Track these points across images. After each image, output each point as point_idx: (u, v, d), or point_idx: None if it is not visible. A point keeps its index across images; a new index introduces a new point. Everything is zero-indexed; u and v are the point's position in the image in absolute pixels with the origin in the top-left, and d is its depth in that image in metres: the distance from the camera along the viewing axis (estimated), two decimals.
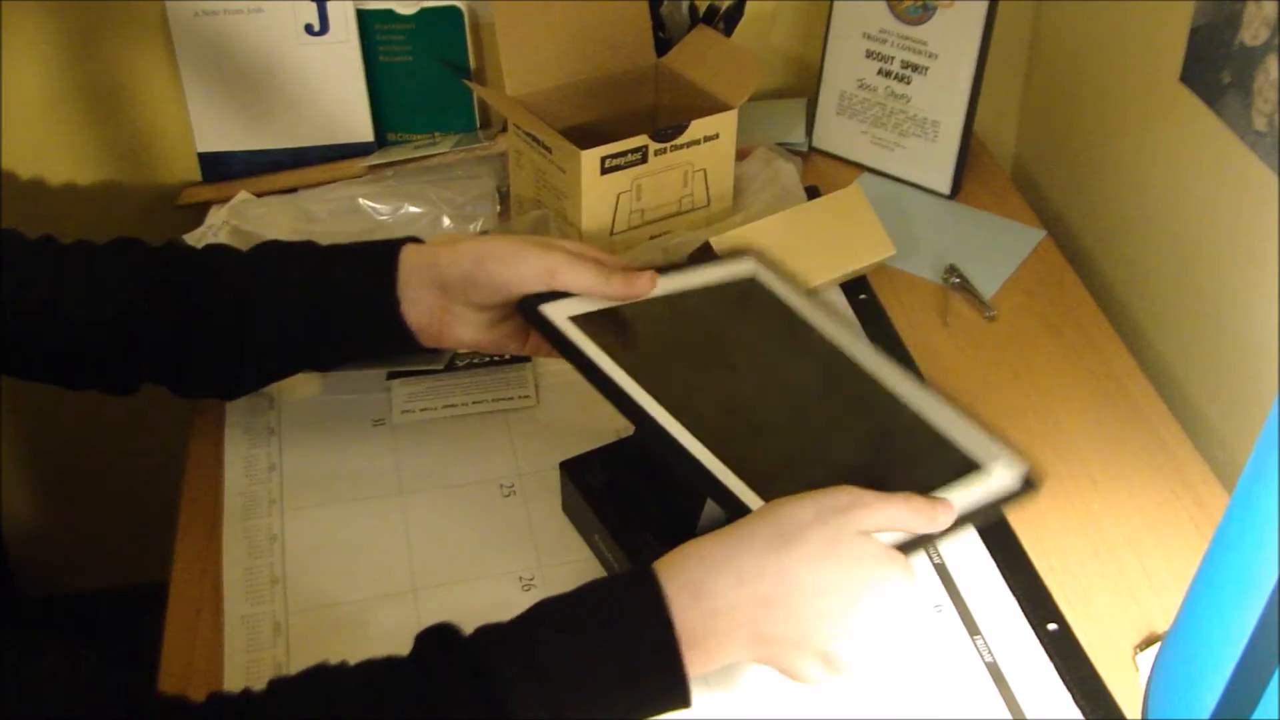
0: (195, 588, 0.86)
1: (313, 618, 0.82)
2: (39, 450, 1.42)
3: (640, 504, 0.82)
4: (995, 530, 0.87)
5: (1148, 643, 0.81)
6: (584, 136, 1.06)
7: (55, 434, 1.41)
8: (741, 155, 1.14)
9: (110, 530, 1.46)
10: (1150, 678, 0.76)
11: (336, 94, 1.21)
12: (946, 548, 0.86)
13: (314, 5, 1.18)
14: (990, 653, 0.80)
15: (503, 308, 0.85)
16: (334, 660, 0.67)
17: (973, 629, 0.81)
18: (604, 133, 1.06)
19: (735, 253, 0.94)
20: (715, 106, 1.07)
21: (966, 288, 1.09)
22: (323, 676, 0.65)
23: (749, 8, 1.19)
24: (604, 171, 1.03)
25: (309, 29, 1.19)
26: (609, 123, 1.12)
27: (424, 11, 1.20)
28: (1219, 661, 0.61)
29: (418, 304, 0.84)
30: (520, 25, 1.08)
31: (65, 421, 1.41)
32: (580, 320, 0.81)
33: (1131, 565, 0.86)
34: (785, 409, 0.83)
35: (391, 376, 0.99)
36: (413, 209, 1.14)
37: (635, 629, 0.66)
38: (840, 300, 1.09)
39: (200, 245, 0.90)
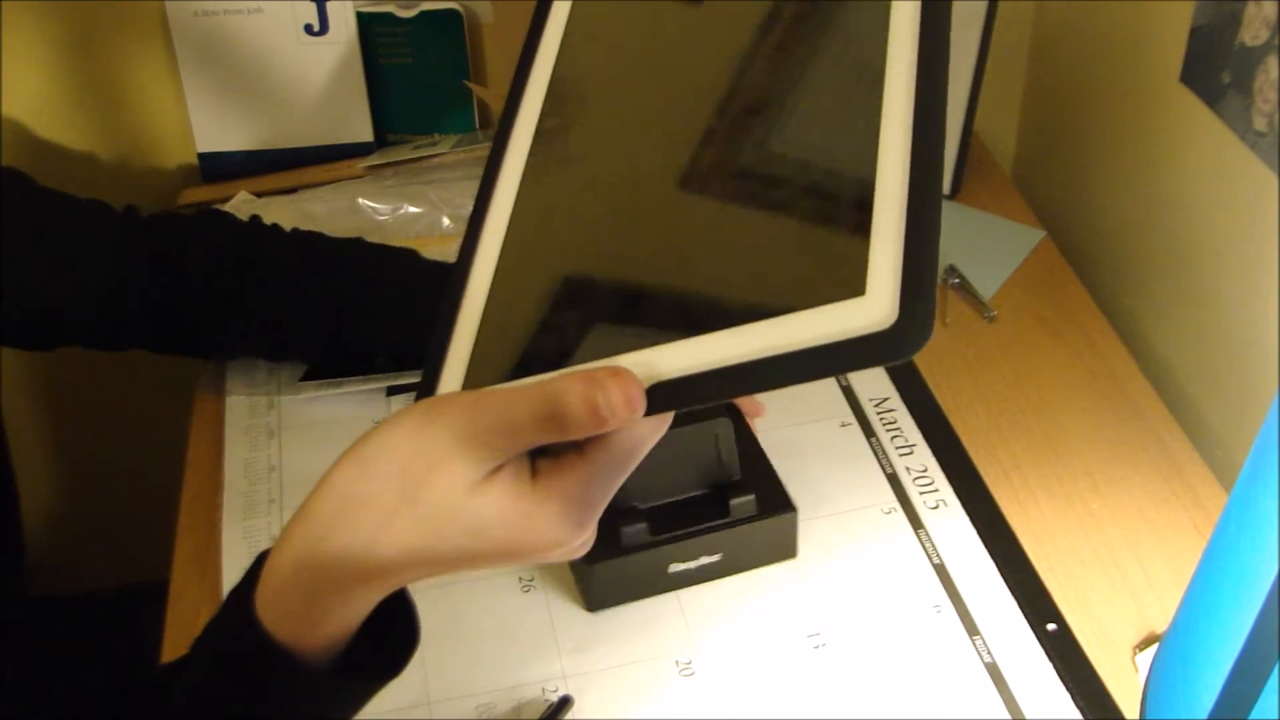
0: (195, 588, 0.86)
1: None
2: (38, 452, 1.42)
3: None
4: (995, 530, 0.88)
5: (1147, 643, 0.81)
6: None
7: (54, 435, 1.41)
8: None
9: (110, 530, 1.46)
10: (1149, 677, 0.76)
11: (336, 94, 1.22)
12: (946, 548, 0.86)
13: (314, 5, 1.18)
14: (989, 653, 0.80)
15: None
16: None
17: (972, 629, 0.81)
18: None
19: None
20: None
21: (966, 288, 1.09)
22: None
23: None
24: None
25: (309, 29, 1.19)
26: None
27: (423, 14, 1.20)
28: (1217, 661, 0.61)
29: None
30: (520, 25, 1.08)
31: (65, 422, 1.41)
32: None
33: (1131, 565, 0.86)
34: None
35: (392, 393, 0.99)
36: (412, 209, 1.14)
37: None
38: None
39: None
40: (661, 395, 0.47)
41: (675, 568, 0.83)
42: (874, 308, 0.44)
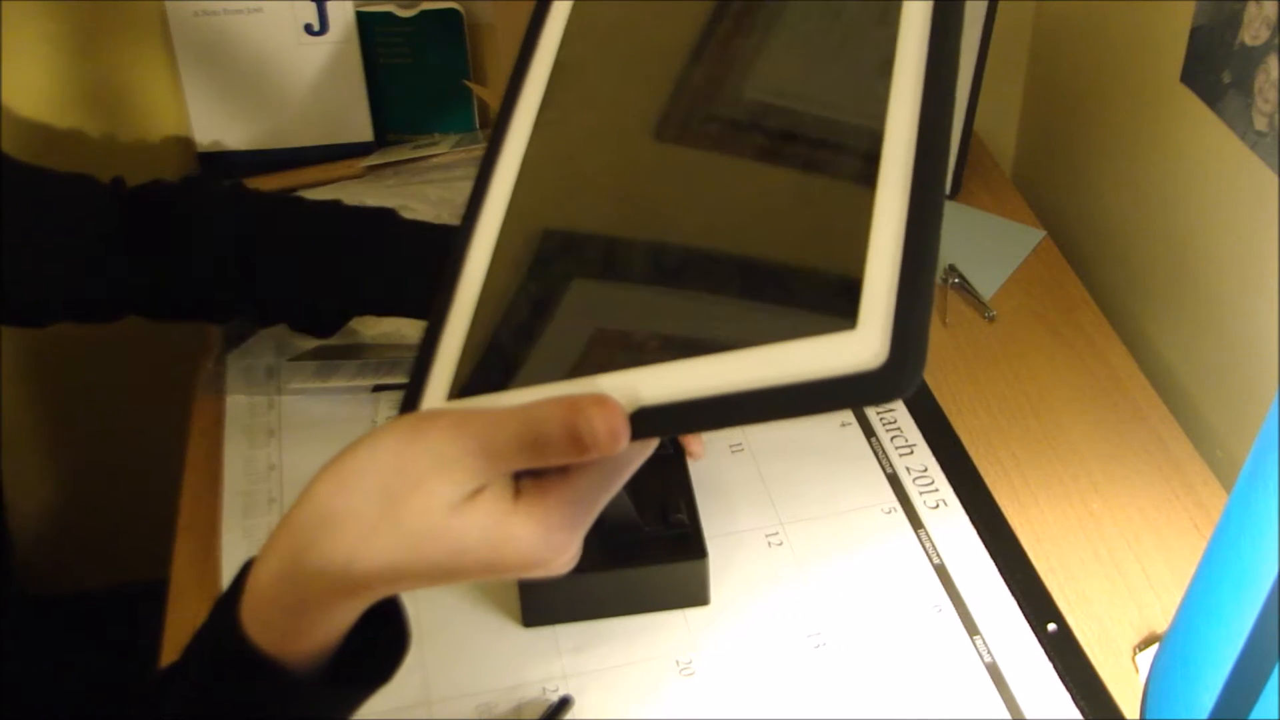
0: (195, 588, 0.86)
1: None
2: (38, 451, 1.42)
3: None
4: (995, 530, 0.88)
5: (1147, 643, 0.81)
6: None
7: (54, 433, 1.41)
8: None
9: (109, 530, 1.46)
10: (1149, 677, 0.76)
11: (336, 94, 1.21)
12: (946, 548, 0.86)
13: (314, 5, 1.18)
14: (990, 653, 0.80)
15: None
16: None
17: (972, 629, 0.81)
18: None
19: None
20: None
21: (966, 288, 1.09)
22: None
23: None
24: None
25: (308, 29, 1.19)
26: None
27: (423, 14, 1.20)
28: (1217, 661, 0.61)
29: None
30: (520, 25, 1.08)
31: (64, 421, 1.41)
32: None
33: (1131, 565, 0.86)
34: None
35: (378, 389, 0.99)
36: (413, 209, 1.14)
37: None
38: None
39: None
40: (643, 422, 0.47)
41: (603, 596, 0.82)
42: (864, 345, 0.43)
